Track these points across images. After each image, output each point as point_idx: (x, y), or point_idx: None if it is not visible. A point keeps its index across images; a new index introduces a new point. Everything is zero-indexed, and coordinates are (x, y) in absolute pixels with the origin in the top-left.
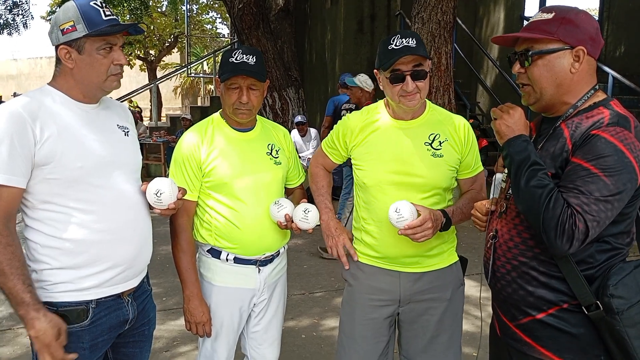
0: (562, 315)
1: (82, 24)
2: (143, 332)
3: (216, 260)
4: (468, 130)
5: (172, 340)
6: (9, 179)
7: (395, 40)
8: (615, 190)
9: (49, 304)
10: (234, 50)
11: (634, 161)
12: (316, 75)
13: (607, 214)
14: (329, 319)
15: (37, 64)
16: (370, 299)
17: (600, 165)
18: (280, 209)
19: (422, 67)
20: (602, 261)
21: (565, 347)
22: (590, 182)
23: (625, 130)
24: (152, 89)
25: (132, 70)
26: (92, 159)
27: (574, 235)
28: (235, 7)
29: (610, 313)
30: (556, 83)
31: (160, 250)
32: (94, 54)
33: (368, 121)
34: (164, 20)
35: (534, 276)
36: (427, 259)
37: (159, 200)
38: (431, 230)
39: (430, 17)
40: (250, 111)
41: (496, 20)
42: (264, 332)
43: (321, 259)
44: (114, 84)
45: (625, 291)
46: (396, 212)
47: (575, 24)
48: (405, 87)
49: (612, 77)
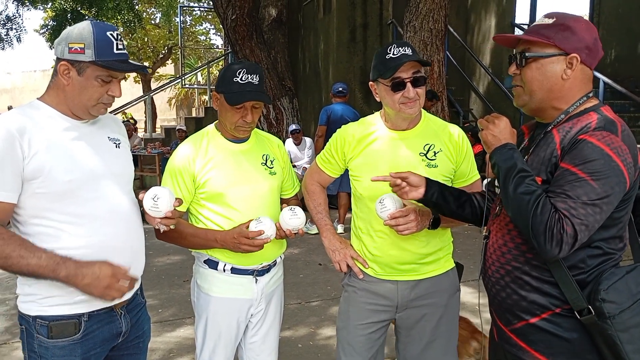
0: (555, 320)
1: (92, 50)
2: (137, 345)
3: (213, 271)
4: (463, 139)
5: (168, 352)
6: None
7: (392, 49)
8: (603, 194)
9: (41, 317)
10: (236, 69)
11: (621, 164)
12: (310, 85)
13: (596, 218)
14: (326, 328)
15: (31, 77)
16: (368, 303)
17: (588, 170)
18: (257, 225)
19: (421, 73)
20: (594, 266)
21: (559, 351)
22: (578, 187)
23: (611, 134)
24: (146, 100)
25: (127, 82)
26: (82, 173)
27: (562, 239)
28: (229, 18)
29: (601, 318)
30: (547, 87)
31: (156, 261)
32: (92, 79)
33: (366, 132)
34: (158, 32)
35: (526, 281)
36: (424, 266)
37: (156, 206)
38: (414, 223)
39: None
40: (252, 128)
41: (487, 27)
42: (262, 343)
43: (317, 268)
44: (101, 111)
45: (617, 296)
46: (380, 202)
47: (573, 31)
48: (406, 93)
49: (603, 82)
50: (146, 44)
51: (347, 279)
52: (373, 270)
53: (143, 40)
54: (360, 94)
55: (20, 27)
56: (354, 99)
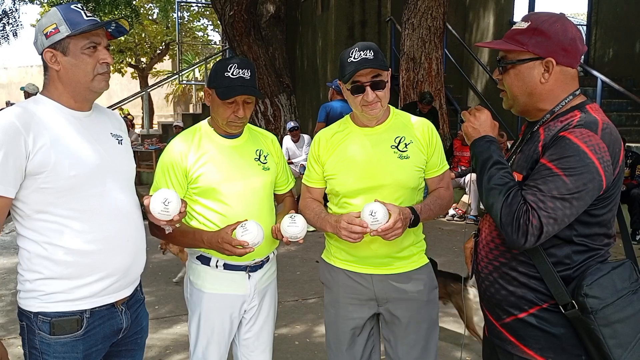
0: (542, 315)
1: (64, 25)
2: (136, 341)
3: (206, 267)
4: (432, 132)
5: (164, 348)
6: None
7: (353, 53)
8: (575, 189)
9: (42, 314)
10: (228, 63)
11: (596, 162)
12: (308, 82)
13: (565, 212)
14: (323, 325)
15: (28, 72)
16: (350, 298)
17: (562, 165)
18: (243, 233)
19: (381, 77)
20: (579, 262)
21: (547, 346)
22: (550, 181)
23: (590, 132)
24: (143, 96)
25: (124, 77)
26: (86, 168)
27: (528, 230)
28: (227, 14)
29: (584, 312)
30: (527, 92)
31: (152, 258)
32: (78, 54)
33: (336, 132)
34: (155, 27)
35: (514, 276)
36: (398, 260)
37: (166, 210)
38: (401, 230)
39: (421, 23)
40: (244, 123)
41: (486, 25)
42: (256, 339)
43: (314, 266)
44: (102, 84)
45: (600, 291)
46: (371, 215)
47: (547, 35)
48: (365, 97)
49: (601, 81)
50: (143, 39)
51: (323, 277)
52: (347, 264)
53: (140, 36)
54: None
55: (16, 22)
56: None
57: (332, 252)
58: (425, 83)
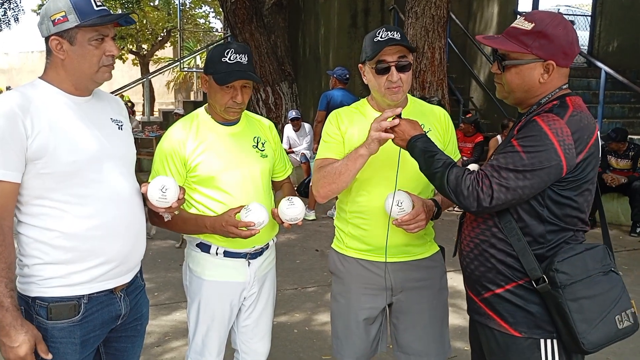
0: (518, 292)
1: (73, 14)
2: (135, 327)
3: (205, 255)
4: (448, 121)
5: (163, 335)
6: (4, 174)
7: (380, 32)
8: (530, 166)
9: (40, 298)
10: (225, 49)
11: (556, 144)
12: (310, 70)
13: (518, 183)
14: (322, 313)
15: (29, 58)
16: (364, 289)
17: (522, 143)
18: (247, 214)
19: (407, 58)
20: (553, 241)
21: (521, 321)
22: (509, 156)
23: (556, 116)
24: (144, 83)
25: (125, 64)
26: (86, 153)
27: (479, 195)
28: (229, 1)
29: (554, 286)
30: (525, 89)
31: (152, 245)
32: (85, 45)
33: (355, 112)
34: (157, 14)
35: (492, 253)
36: (414, 247)
37: (164, 197)
38: (424, 222)
39: (424, 12)
40: (242, 109)
41: (490, 15)
42: (255, 326)
43: (314, 254)
44: (106, 75)
45: (570, 268)
46: (398, 205)
47: (551, 38)
48: (390, 77)
49: (605, 73)
50: (145, 26)
51: (334, 266)
52: (361, 253)
53: (142, 23)
54: (360, 80)
55: (17, 7)
56: (353, 84)
57: (345, 242)
58: (428, 72)
